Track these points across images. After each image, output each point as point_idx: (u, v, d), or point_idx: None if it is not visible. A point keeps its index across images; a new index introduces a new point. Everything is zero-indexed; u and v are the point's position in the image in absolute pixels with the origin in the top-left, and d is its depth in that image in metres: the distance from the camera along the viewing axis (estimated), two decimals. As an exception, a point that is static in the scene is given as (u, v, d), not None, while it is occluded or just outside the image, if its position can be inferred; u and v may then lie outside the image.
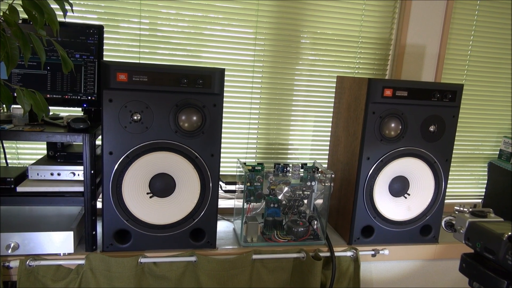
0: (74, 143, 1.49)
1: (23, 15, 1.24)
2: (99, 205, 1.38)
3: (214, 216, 1.45)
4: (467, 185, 2.21)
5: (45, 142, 1.55)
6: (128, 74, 1.26)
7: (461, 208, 0.97)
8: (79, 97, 1.42)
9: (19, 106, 1.32)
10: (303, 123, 1.97)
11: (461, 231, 0.95)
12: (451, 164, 1.68)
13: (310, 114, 1.97)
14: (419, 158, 1.60)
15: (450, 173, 1.68)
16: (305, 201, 1.63)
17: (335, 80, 1.83)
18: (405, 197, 1.63)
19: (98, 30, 1.41)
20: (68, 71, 1.03)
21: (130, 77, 1.27)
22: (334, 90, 1.86)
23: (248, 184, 1.53)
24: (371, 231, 1.62)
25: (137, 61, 1.71)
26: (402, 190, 1.62)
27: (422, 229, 1.67)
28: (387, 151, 1.55)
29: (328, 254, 1.55)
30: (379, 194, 1.59)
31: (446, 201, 1.70)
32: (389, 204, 1.62)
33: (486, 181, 2.11)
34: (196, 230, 1.45)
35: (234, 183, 1.61)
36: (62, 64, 1.02)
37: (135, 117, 1.30)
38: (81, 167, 1.36)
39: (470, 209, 0.97)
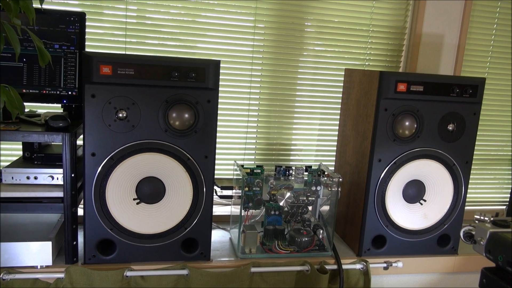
0: (52, 143, 1.50)
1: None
2: (80, 212, 1.37)
3: (208, 225, 1.44)
4: (490, 190, 2.22)
5: (21, 142, 1.54)
6: (112, 67, 1.26)
7: (482, 217, 0.97)
8: (58, 92, 1.42)
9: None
10: (308, 121, 1.97)
11: (482, 242, 0.95)
12: (472, 167, 1.67)
13: (315, 111, 1.97)
14: (436, 160, 1.60)
15: (470, 176, 1.65)
16: (310, 208, 1.63)
17: (343, 73, 1.83)
18: (421, 204, 1.63)
19: (79, 18, 1.41)
20: (45, 64, 1.03)
21: (115, 70, 1.27)
22: (342, 84, 1.85)
23: (246, 189, 1.52)
24: (383, 241, 1.62)
25: (123, 52, 1.70)
26: (418, 196, 1.62)
27: (440, 239, 1.67)
28: (401, 153, 1.55)
29: (335, 266, 1.55)
30: (392, 200, 1.59)
31: (466, 208, 1.67)
32: (403, 211, 1.62)
33: (510, 186, 2.10)
34: (188, 240, 1.45)
35: (230, 188, 1.61)
36: (39, 56, 1.02)
37: (121, 115, 1.30)
38: (61, 170, 1.35)
39: (492, 218, 0.96)
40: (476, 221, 0.98)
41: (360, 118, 1.62)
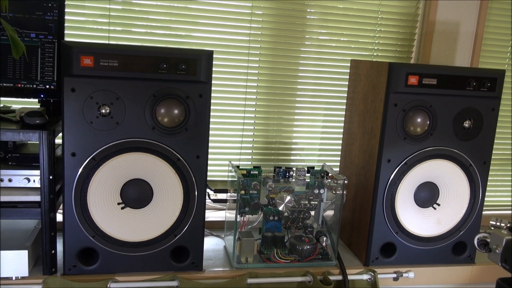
0: (28, 142, 1.50)
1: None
2: (59, 218, 1.37)
3: (200, 232, 1.44)
4: (510, 193, 2.22)
5: (-7, 141, 1.53)
6: (94, 58, 1.26)
7: (498, 223, 0.97)
8: (34, 86, 1.42)
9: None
10: (310, 117, 1.97)
11: (497, 251, 0.94)
12: (490, 168, 1.66)
13: (318, 106, 1.96)
14: (451, 160, 1.60)
15: (488, 178, 1.66)
16: (312, 213, 1.63)
17: (349, 65, 1.83)
18: (434, 208, 1.63)
19: (58, 4, 1.41)
20: (19, 55, 1.03)
21: (97, 62, 1.26)
22: (347, 77, 1.84)
23: (242, 192, 1.52)
24: (392, 250, 1.62)
25: (106, 42, 1.70)
26: (431, 200, 1.63)
27: (455, 247, 1.67)
28: (412, 152, 1.55)
29: (340, 277, 1.55)
30: (402, 204, 1.59)
31: (484, 212, 1.68)
32: (415, 216, 1.62)
33: (532, 188, 2.12)
34: (179, 249, 1.45)
35: (225, 191, 1.61)
36: (12, 47, 1.01)
37: (103, 111, 1.30)
38: (38, 172, 1.35)
39: (509, 224, 0.96)
40: (492, 228, 0.98)
41: (368, 114, 1.62)
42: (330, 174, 1.61)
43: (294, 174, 1.58)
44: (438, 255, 1.66)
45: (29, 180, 1.36)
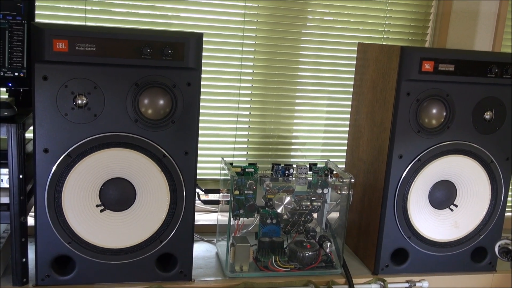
0: (-5, 136, 1.50)
1: None
2: (31, 222, 1.35)
3: (189, 237, 1.44)
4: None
5: (-44, 136, 1.57)
6: (69, 42, 1.25)
7: None
8: (2, 74, 1.40)
9: None
10: (312, 107, 1.96)
11: (521, 259, 0.94)
12: (514, 164, 1.67)
13: (322, 95, 1.96)
14: (470, 156, 1.60)
15: (512, 176, 1.66)
16: (315, 215, 1.62)
17: (356, 49, 1.81)
18: (451, 210, 1.64)
19: (27, -19, 1.40)
20: (-17, 38, 1.02)
21: (72, 46, 1.25)
22: (354, 62, 1.82)
23: (236, 192, 1.52)
24: (404, 256, 1.62)
25: (83, 23, 1.69)
26: (447, 200, 1.63)
27: (474, 253, 1.67)
28: (427, 147, 1.56)
29: (346, 287, 1.55)
30: (416, 206, 1.59)
31: (506, 214, 1.70)
32: (429, 219, 1.62)
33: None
34: (165, 256, 1.44)
35: (217, 191, 1.58)
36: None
37: (80, 101, 1.30)
38: (6, 171, 1.34)
39: (534, 229, 0.96)
40: (514, 233, 0.98)
41: (377, 104, 1.62)
42: (334, 172, 1.60)
43: (294, 172, 1.58)
44: (456, 262, 1.66)
45: (-4, 180, 1.35)
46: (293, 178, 1.58)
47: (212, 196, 1.59)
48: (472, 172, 1.61)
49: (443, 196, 1.62)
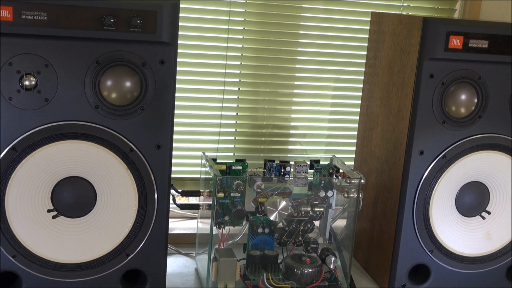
0: None
1: None
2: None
3: (161, 249, 1.39)
4: None
5: None
6: (14, 9, 1.19)
7: None
8: None
9: None
10: (315, 91, 1.92)
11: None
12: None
13: (326, 76, 1.93)
14: (507, 152, 1.54)
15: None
16: (317, 223, 1.56)
17: (369, 19, 1.78)
18: (483, 218, 1.57)
19: None
20: None
21: (18, 14, 1.20)
22: (366, 36, 1.76)
23: (221, 195, 1.46)
24: (426, 273, 1.57)
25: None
26: (478, 206, 1.57)
27: (510, 270, 1.63)
28: (454, 141, 1.49)
29: (353, 310, 1.52)
30: (440, 212, 1.53)
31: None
32: (456, 228, 1.56)
33: None
34: (132, 272, 1.39)
35: (196, 194, 1.54)
36: None
37: (27, 82, 1.24)
38: None
39: None
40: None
41: (394, 88, 1.56)
42: (341, 171, 1.54)
43: (292, 171, 1.52)
44: (487, 280, 1.60)
45: None
46: (290, 178, 1.52)
47: (191, 200, 1.62)
48: (509, 173, 1.55)
49: (473, 201, 1.56)
